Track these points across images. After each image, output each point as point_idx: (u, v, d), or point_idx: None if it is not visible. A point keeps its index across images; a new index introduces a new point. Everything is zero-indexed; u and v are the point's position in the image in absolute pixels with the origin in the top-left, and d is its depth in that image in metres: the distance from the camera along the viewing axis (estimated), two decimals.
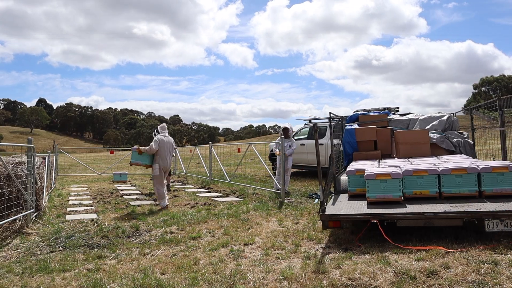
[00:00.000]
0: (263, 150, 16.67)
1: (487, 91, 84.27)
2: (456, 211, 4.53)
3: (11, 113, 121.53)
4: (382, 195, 5.11)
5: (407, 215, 4.63)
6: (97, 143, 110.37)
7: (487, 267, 3.55)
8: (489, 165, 5.14)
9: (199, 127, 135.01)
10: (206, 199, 8.94)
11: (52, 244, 5.29)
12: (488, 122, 15.57)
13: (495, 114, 6.67)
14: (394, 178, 5.10)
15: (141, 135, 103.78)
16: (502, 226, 4.30)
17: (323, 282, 3.51)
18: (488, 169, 5.10)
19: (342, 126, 8.45)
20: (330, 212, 4.89)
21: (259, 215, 6.78)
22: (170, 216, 6.95)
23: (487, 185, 5.09)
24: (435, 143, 7.49)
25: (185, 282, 3.68)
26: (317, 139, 5.38)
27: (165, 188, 8.25)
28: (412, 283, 3.36)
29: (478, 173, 5.12)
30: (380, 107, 9.72)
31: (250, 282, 3.62)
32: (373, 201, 5.12)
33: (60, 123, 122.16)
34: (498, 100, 6.13)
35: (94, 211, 7.76)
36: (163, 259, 4.47)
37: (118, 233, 5.77)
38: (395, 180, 5.10)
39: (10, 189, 6.33)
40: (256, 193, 9.51)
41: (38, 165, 7.74)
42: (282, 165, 8.37)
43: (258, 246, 4.84)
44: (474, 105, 9.30)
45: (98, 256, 4.67)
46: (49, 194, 10.00)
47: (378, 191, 5.12)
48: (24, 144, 6.82)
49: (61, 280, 3.89)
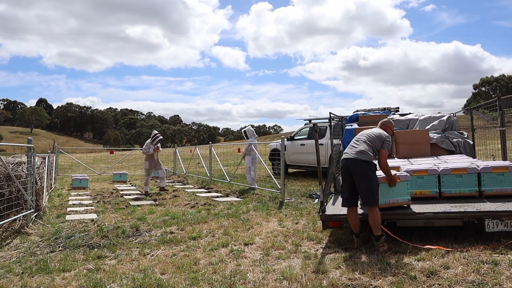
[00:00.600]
0: (263, 150, 16.66)
1: (487, 91, 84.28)
2: (456, 211, 4.54)
3: (11, 113, 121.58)
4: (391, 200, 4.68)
5: (407, 215, 4.63)
6: (97, 143, 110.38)
7: (487, 267, 3.55)
8: (489, 165, 5.15)
9: (199, 127, 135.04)
10: (206, 199, 8.94)
11: (52, 244, 5.29)
12: (488, 122, 15.57)
13: (495, 114, 6.68)
14: (403, 180, 4.74)
15: (141, 135, 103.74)
16: (502, 226, 4.30)
17: (323, 282, 3.51)
18: (488, 169, 5.10)
19: (342, 126, 8.44)
20: (330, 212, 4.89)
21: (259, 215, 6.78)
22: (170, 216, 6.95)
23: (487, 185, 5.10)
24: (435, 143, 7.49)
25: (185, 282, 3.68)
26: (317, 139, 5.38)
27: None
28: (412, 283, 3.36)
29: (478, 173, 5.12)
30: (380, 107, 9.72)
31: (250, 282, 3.62)
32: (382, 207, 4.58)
33: (60, 123, 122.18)
34: (498, 100, 6.13)
35: (94, 211, 7.75)
36: (163, 259, 4.47)
37: (118, 233, 5.77)
38: (403, 183, 4.74)
39: (10, 189, 6.33)
40: (256, 193, 9.51)
41: (38, 165, 7.74)
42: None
43: (258, 246, 4.84)
44: (474, 105, 9.30)
45: (98, 256, 4.67)
46: (49, 194, 10.00)
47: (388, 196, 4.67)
48: (24, 144, 6.82)
49: (61, 280, 3.89)
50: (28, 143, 6.73)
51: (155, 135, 10.87)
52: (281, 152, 8.65)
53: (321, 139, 11.01)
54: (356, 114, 9.01)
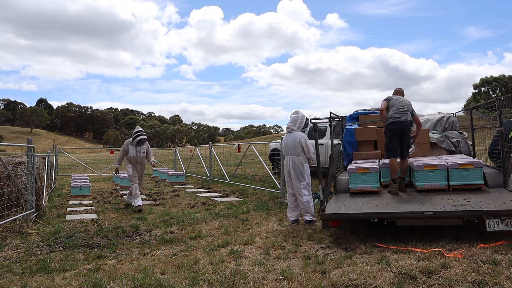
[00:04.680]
0: (263, 150, 16.66)
1: (487, 91, 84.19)
2: (456, 210, 4.54)
3: (11, 113, 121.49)
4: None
5: (407, 214, 4.63)
6: (97, 143, 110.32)
7: (487, 267, 3.55)
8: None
9: (199, 127, 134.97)
10: (206, 199, 8.94)
11: (52, 244, 5.29)
12: (488, 122, 15.58)
13: (495, 114, 6.67)
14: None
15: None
16: (503, 225, 4.30)
17: (323, 282, 3.51)
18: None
19: (342, 126, 8.44)
20: (330, 212, 4.89)
21: (259, 215, 6.78)
22: (170, 216, 6.95)
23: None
24: (435, 143, 7.50)
25: (185, 282, 3.68)
26: (317, 139, 5.38)
27: None
28: (412, 283, 3.36)
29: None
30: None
31: (250, 282, 3.62)
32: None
33: (60, 123, 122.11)
34: (497, 100, 6.14)
35: (94, 211, 7.75)
36: (163, 259, 4.47)
37: (118, 233, 5.77)
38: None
39: (10, 189, 6.33)
40: (256, 193, 9.51)
41: (38, 165, 7.74)
42: None
43: (258, 246, 4.84)
44: (474, 105, 9.29)
45: (98, 256, 4.67)
46: (49, 194, 10.00)
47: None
48: (24, 144, 6.82)
49: (61, 280, 3.89)
50: (28, 143, 6.73)
51: (137, 133, 8.08)
52: (281, 152, 8.64)
53: (321, 139, 11.00)
54: (356, 114, 9.00)
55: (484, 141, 8.04)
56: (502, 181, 5.84)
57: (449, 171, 5.74)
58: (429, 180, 5.77)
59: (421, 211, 4.58)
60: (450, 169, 5.74)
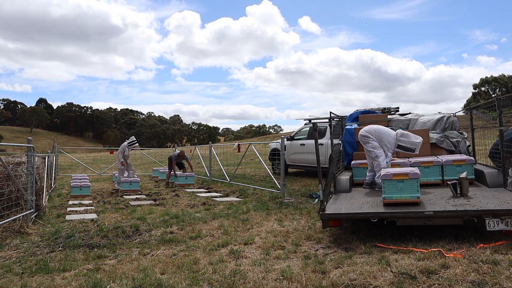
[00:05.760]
0: (263, 150, 16.67)
1: (487, 90, 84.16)
2: (456, 210, 4.54)
3: (11, 113, 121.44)
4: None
5: (407, 214, 4.63)
6: (97, 143, 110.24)
7: (487, 267, 3.55)
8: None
9: (199, 127, 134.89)
10: (206, 199, 8.94)
11: (52, 244, 5.29)
12: (488, 122, 15.58)
13: (495, 114, 6.67)
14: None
15: (141, 135, 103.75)
16: (503, 225, 4.30)
17: (323, 282, 3.51)
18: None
19: (342, 126, 8.44)
20: (330, 211, 4.89)
21: (259, 215, 6.78)
22: (170, 216, 6.95)
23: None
24: (435, 143, 7.50)
25: (185, 282, 3.68)
26: (317, 139, 5.38)
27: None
28: (412, 283, 3.36)
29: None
30: (380, 107, 9.71)
31: (250, 282, 3.62)
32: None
33: (60, 123, 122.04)
34: (497, 99, 6.14)
35: (94, 211, 7.76)
36: (163, 259, 4.47)
37: (118, 233, 5.77)
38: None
39: (10, 189, 6.33)
40: (256, 193, 9.51)
41: (38, 165, 7.74)
42: None
43: (258, 246, 4.84)
44: (474, 105, 9.29)
45: (98, 256, 4.67)
46: (49, 194, 10.00)
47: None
48: (24, 144, 6.82)
49: (61, 280, 3.89)
50: (28, 143, 6.73)
51: (133, 142, 12.03)
52: (281, 152, 8.65)
53: (321, 139, 11.00)
54: (356, 114, 9.01)
55: (484, 141, 8.04)
56: (502, 181, 5.84)
57: (443, 167, 6.44)
58: (425, 175, 6.28)
59: (421, 211, 4.58)
60: (444, 165, 6.43)
